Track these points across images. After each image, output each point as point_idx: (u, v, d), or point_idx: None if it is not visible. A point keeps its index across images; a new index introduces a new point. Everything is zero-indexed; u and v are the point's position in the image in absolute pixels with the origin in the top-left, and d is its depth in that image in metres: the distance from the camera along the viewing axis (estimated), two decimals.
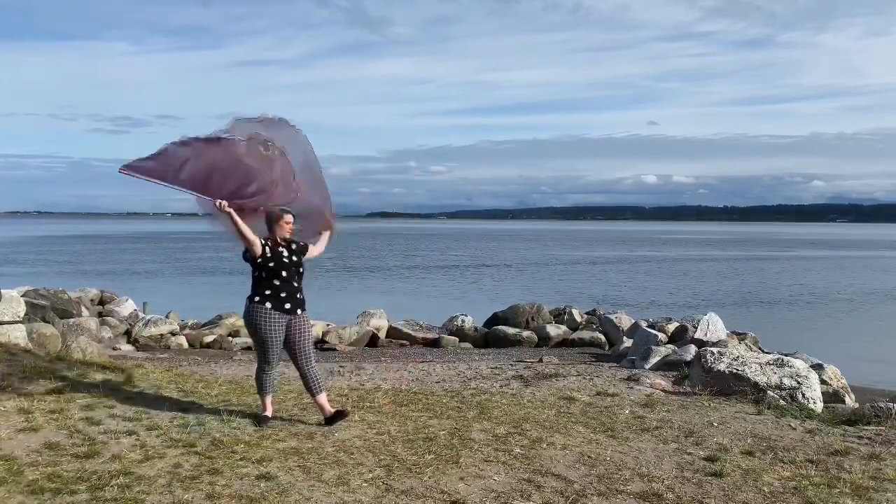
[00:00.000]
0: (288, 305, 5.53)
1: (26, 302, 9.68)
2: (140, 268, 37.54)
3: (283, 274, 5.53)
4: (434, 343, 13.59)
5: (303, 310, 5.64)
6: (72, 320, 11.69)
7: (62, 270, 34.16)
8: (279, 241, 5.58)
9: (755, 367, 7.28)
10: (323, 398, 5.72)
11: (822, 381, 7.76)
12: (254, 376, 5.96)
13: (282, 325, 5.53)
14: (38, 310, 10.48)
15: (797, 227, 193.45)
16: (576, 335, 14.02)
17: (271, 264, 5.50)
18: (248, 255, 5.49)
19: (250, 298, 5.56)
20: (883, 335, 18.16)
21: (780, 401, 6.84)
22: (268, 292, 5.50)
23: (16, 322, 8.84)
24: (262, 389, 5.77)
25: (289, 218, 5.62)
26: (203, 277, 32.87)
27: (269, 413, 5.73)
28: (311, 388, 5.70)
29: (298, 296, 5.61)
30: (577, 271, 38.20)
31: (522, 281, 32.13)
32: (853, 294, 27.03)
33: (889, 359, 13.75)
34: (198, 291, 26.62)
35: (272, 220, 5.60)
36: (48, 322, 10.17)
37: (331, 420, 5.63)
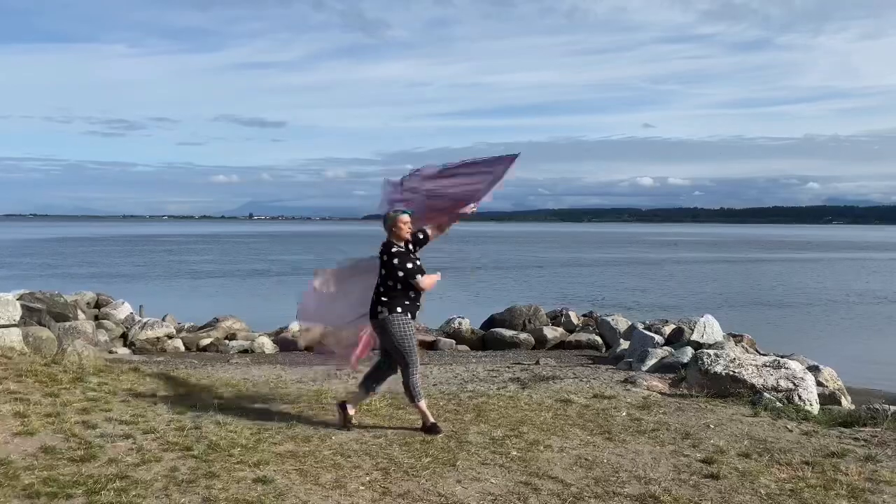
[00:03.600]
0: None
1: (22, 305, 9.64)
2: (136, 270, 37.45)
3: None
4: (431, 345, 13.57)
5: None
6: (68, 324, 11.63)
7: (58, 273, 34.07)
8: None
9: (752, 369, 7.29)
10: (422, 405, 5.70)
11: (819, 383, 7.77)
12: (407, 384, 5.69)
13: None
14: (34, 313, 10.44)
15: (793, 229, 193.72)
16: (573, 337, 14.00)
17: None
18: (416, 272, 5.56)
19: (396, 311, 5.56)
20: (879, 337, 18.18)
21: (777, 403, 6.85)
22: (407, 303, 5.64)
23: (11, 325, 8.83)
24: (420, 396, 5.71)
25: (405, 218, 5.65)
26: (200, 280, 32.81)
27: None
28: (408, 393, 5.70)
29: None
30: (574, 273, 38.21)
31: (519, 283, 32.13)
32: (849, 296, 27.07)
33: (885, 360, 13.77)
34: (195, 294, 26.57)
35: (389, 222, 5.64)
36: (44, 325, 10.13)
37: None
